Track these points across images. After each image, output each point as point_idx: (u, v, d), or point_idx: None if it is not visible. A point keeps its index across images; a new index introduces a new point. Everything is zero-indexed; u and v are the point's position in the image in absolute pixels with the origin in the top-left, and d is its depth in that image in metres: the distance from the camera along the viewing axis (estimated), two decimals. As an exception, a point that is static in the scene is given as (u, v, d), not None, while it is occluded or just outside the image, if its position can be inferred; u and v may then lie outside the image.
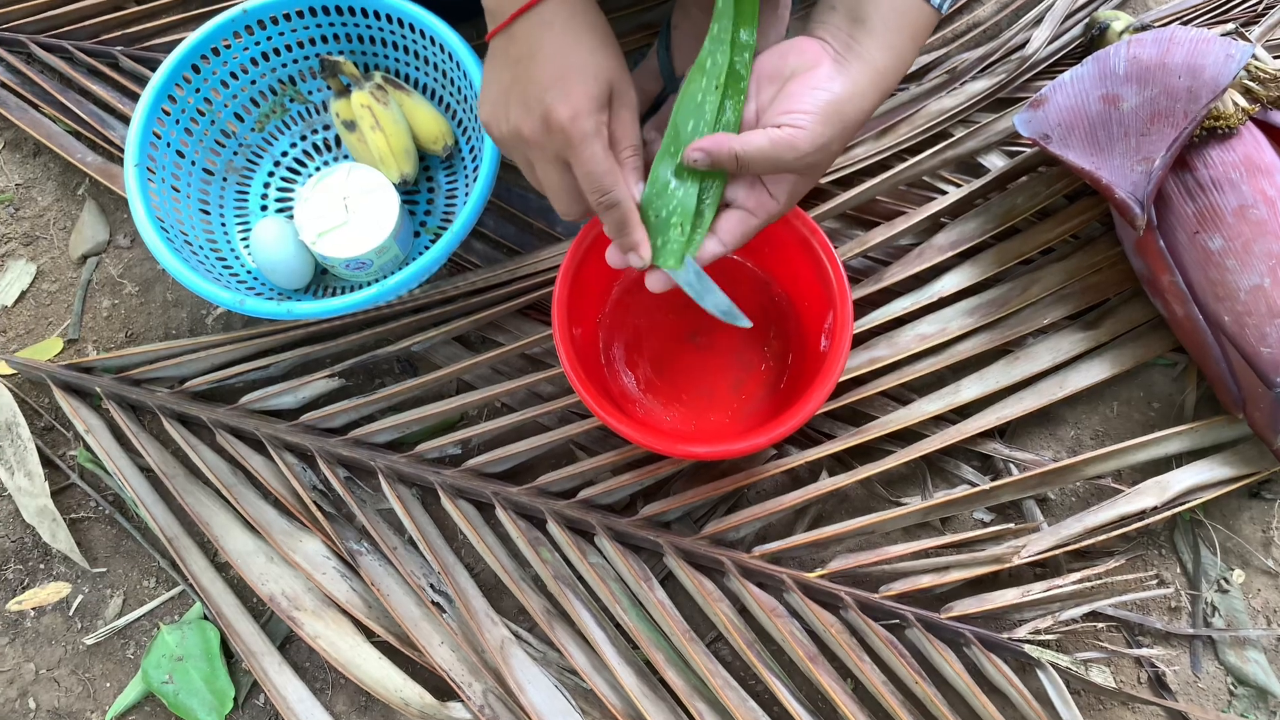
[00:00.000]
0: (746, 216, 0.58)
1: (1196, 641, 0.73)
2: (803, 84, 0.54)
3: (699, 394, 0.77)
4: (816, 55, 0.55)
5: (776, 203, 0.57)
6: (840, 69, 0.55)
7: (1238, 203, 0.71)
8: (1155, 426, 0.78)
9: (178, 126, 0.81)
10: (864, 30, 0.55)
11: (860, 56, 0.55)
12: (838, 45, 0.55)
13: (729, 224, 0.58)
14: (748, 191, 0.58)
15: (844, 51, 0.55)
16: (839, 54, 0.55)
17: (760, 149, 0.53)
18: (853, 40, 0.55)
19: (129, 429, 0.78)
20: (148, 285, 0.87)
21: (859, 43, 0.55)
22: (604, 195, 0.57)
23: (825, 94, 0.54)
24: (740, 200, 0.58)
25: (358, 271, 0.80)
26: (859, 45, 0.55)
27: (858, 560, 0.72)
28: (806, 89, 0.54)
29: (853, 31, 0.55)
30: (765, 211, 0.57)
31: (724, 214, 0.58)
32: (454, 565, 0.75)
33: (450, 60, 0.81)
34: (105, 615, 0.77)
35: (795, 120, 0.53)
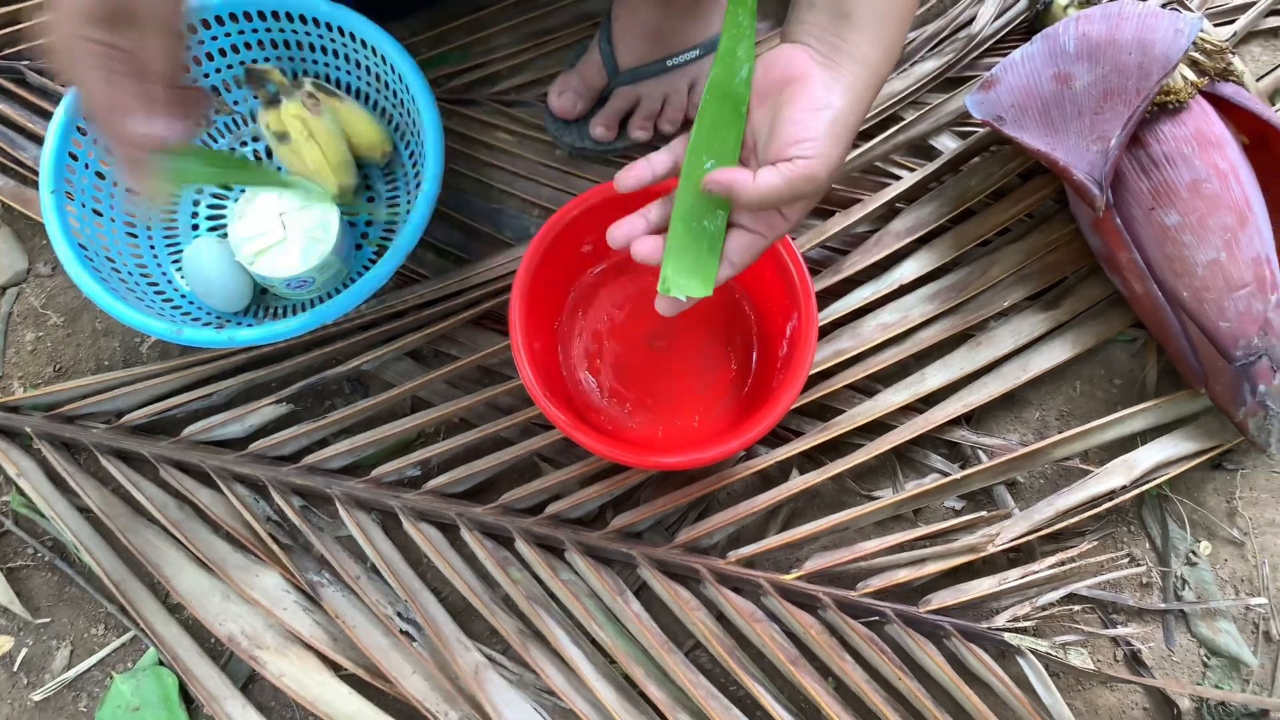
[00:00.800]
0: (757, 239, 0.55)
1: (1169, 616, 0.73)
2: (800, 105, 0.51)
3: (664, 398, 0.75)
4: (804, 65, 0.52)
5: (787, 222, 0.55)
6: (834, 77, 0.52)
7: (1191, 177, 0.71)
8: (1118, 404, 0.78)
9: (96, 146, 0.76)
10: (850, 26, 0.52)
11: (851, 56, 0.52)
12: (824, 48, 0.52)
13: (739, 245, 0.55)
14: (756, 216, 0.55)
15: (832, 54, 0.52)
16: (827, 58, 0.52)
17: (775, 189, 0.50)
18: (840, 40, 0.52)
19: (64, 469, 0.74)
20: (74, 315, 0.82)
21: (847, 41, 0.52)
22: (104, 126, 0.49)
23: (828, 113, 0.51)
24: (748, 222, 0.55)
25: (299, 290, 0.76)
26: (847, 44, 0.52)
27: (833, 559, 0.72)
28: (808, 112, 0.51)
29: (838, 30, 0.52)
30: (775, 232, 0.55)
31: (733, 235, 0.55)
32: (420, 591, 0.72)
33: (383, 63, 0.77)
34: (53, 668, 0.73)
35: (805, 150, 0.50)
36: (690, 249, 0.55)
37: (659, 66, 0.81)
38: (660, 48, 0.80)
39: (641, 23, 0.80)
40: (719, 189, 0.52)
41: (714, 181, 0.52)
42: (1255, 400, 0.71)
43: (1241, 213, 0.71)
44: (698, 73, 0.83)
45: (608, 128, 0.83)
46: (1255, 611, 0.73)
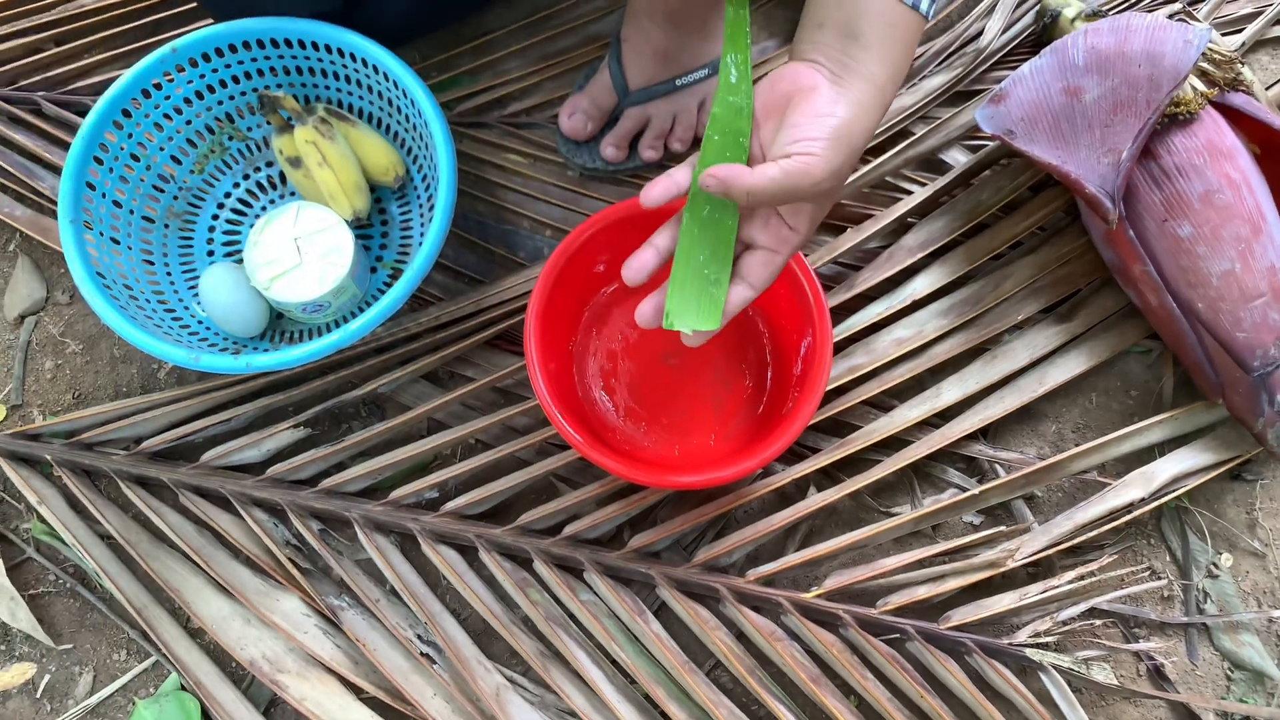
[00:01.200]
0: (770, 256, 0.55)
1: (1191, 630, 0.73)
2: (806, 113, 0.52)
3: (679, 416, 0.75)
4: (812, 80, 0.53)
5: (798, 234, 0.55)
6: (840, 91, 0.52)
7: (1203, 188, 0.71)
8: (1135, 415, 0.78)
9: (112, 175, 0.77)
10: (859, 46, 0.52)
11: (858, 74, 0.52)
12: (832, 66, 0.53)
13: (754, 267, 0.56)
14: (764, 228, 0.55)
15: (840, 71, 0.53)
16: (835, 74, 0.53)
17: (773, 180, 0.51)
18: (848, 58, 0.53)
19: (85, 496, 0.75)
20: (92, 342, 0.83)
21: (855, 59, 0.52)
22: None
23: (832, 119, 0.51)
24: (760, 240, 0.56)
25: (315, 314, 0.77)
26: (855, 62, 0.52)
27: (853, 576, 0.71)
28: (811, 117, 0.52)
29: (847, 48, 0.53)
30: (787, 246, 0.55)
31: (746, 256, 0.56)
32: (440, 613, 0.73)
33: (395, 87, 0.78)
34: (76, 694, 0.73)
35: (806, 148, 0.51)
36: (692, 284, 0.55)
37: (668, 86, 0.81)
38: (669, 67, 0.81)
39: (650, 43, 0.80)
40: (715, 184, 0.51)
41: (711, 176, 0.51)
42: (1274, 410, 0.71)
43: (1255, 222, 0.71)
44: (707, 91, 0.83)
45: (618, 148, 0.83)
46: (1278, 624, 0.73)
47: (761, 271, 0.56)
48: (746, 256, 0.56)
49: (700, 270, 0.55)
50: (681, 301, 0.55)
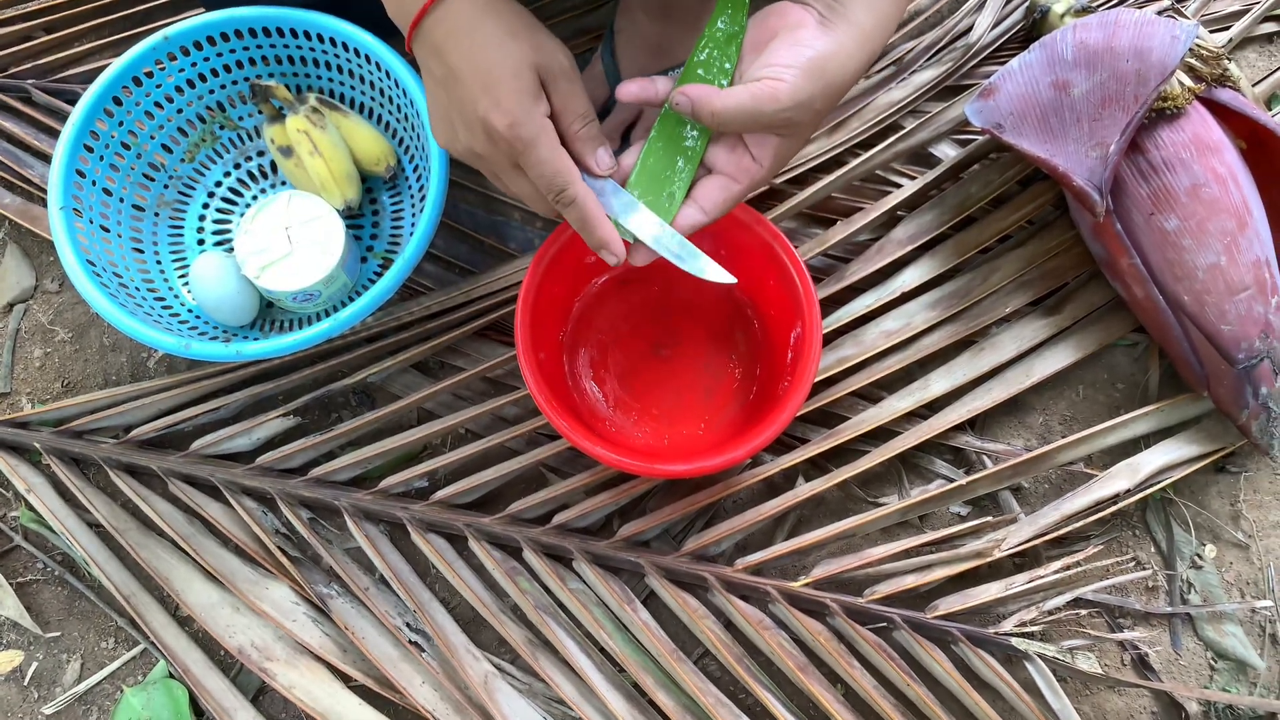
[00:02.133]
0: (728, 183, 0.56)
1: (1175, 620, 0.74)
2: (785, 41, 0.53)
3: (669, 406, 0.75)
4: (799, 17, 0.54)
5: (760, 167, 0.56)
6: (824, 29, 0.54)
7: (1190, 182, 0.72)
8: (1121, 408, 0.79)
9: (102, 163, 0.76)
10: None
11: (844, 17, 0.54)
12: (821, 8, 0.54)
13: (709, 190, 0.57)
14: (728, 155, 0.56)
15: (828, 14, 0.54)
16: (823, 16, 0.54)
17: (740, 102, 0.52)
18: (836, 3, 0.54)
19: (74, 484, 0.75)
20: (82, 330, 0.83)
21: (844, 4, 0.54)
22: (559, 193, 0.56)
23: (808, 50, 0.53)
24: (721, 165, 0.57)
25: (305, 303, 0.77)
26: (843, 6, 0.54)
27: (840, 565, 0.72)
28: (788, 45, 0.53)
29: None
30: (748, 177, 0.56)
31: (704, 180, 0.57)
32: (429, 602, 0.73)
33: (387, 77, 0.78)
34: (63, 681, 0.73)
35: (776, 73, 0.52)
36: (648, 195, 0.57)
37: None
38: (662, 59, 0.81)
39: (643, 35, 0.80)
40: (685, 102, 0.53)
41: (682, 94, 0.53)
42: (1258, 403, 0.71)
43: (1241, 216, 0.71)
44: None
45: (611, 139, 0.83)
46: (1261, 614, 0.73)
47: (716, 196, 0.56)
48: (704, 180, 0.57)
49: (659, 182, 0.57)
50: None
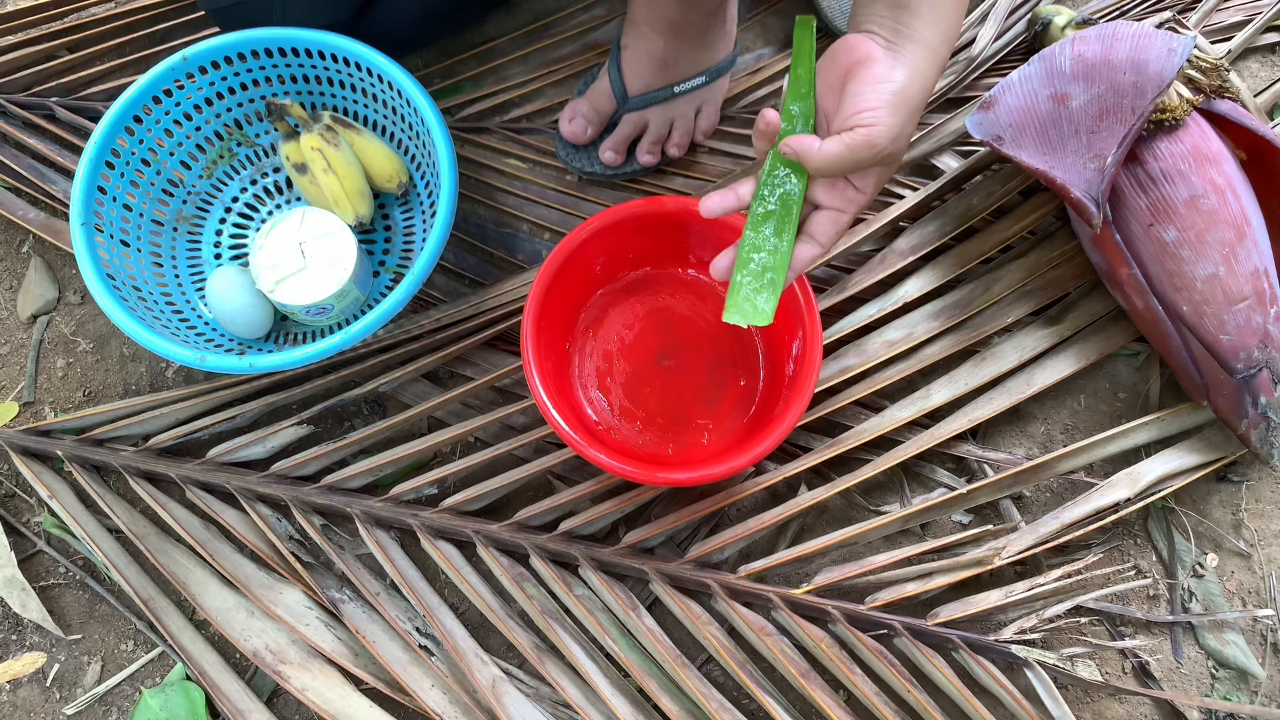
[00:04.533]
0: (837, 215, 0.59)
1: (1176, 628, 0.74)
2: (863, 81, 0.55)
3: (673, 416, 0.77)
4: (868, 50, 0.56)
5: (863, 195, 0.59)
6: (895, 57, 0.56)
7: (1188, 193, 0.72)
8: (1122, 417, 0.79)
9: (123, 179, 0.79)
10: (909, 13, 0.56)
11: (911, 39, 0.56)
12: (886, 34, 0.56)
13: (822, 225, 0.60)
14: (831, 190, 0.59)
15: (894, 39, 0.56)
16: (890, 42, 0.56)
17: (838, 154, 0.55)
18: (901, 26, 0.56)
19: (94, 491, 0.77)
20: (103, 341, 0.85)
21: (907, 26, 0.56)
22: None
23: (889, 84, 0.55)
24: (826, 200, 0.59)
25: (318, 317, 0.79)
26: (907, 29, 0.56)
27: (842, 573, 0.73)
28: (869, 85, 0.55)
29: (899, 16, 0.56)
30: (855, 205, 0.59)
31: (814, 216, 0.60)
32: (438, 607, 0.74)
33: (399, 95, 0.80)
34: (84, 683, 0.75)
35: (865, 119, 0.55)
36: (750, 284, 0.60)
37: (666, 93, 0.83)
38: (668, 75, 0.82)
39: (649, 51, 0.82)
40: (790, 154, 0.57)
41: (787, 146, 0.57)
42: (1257, 412, 0.72)
43: (1239, 227, 0.72)
44: (704, 98, 0.85)
45: (617, 152, 0.85)
46: (1263, 623, 0.74)
47: (829, 229, 0.60)
48: (815, 216, 0.60)
49: (759, 270, 0.60)
50: (739, 300, 0.60)
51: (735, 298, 0.61)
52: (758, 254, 0.60)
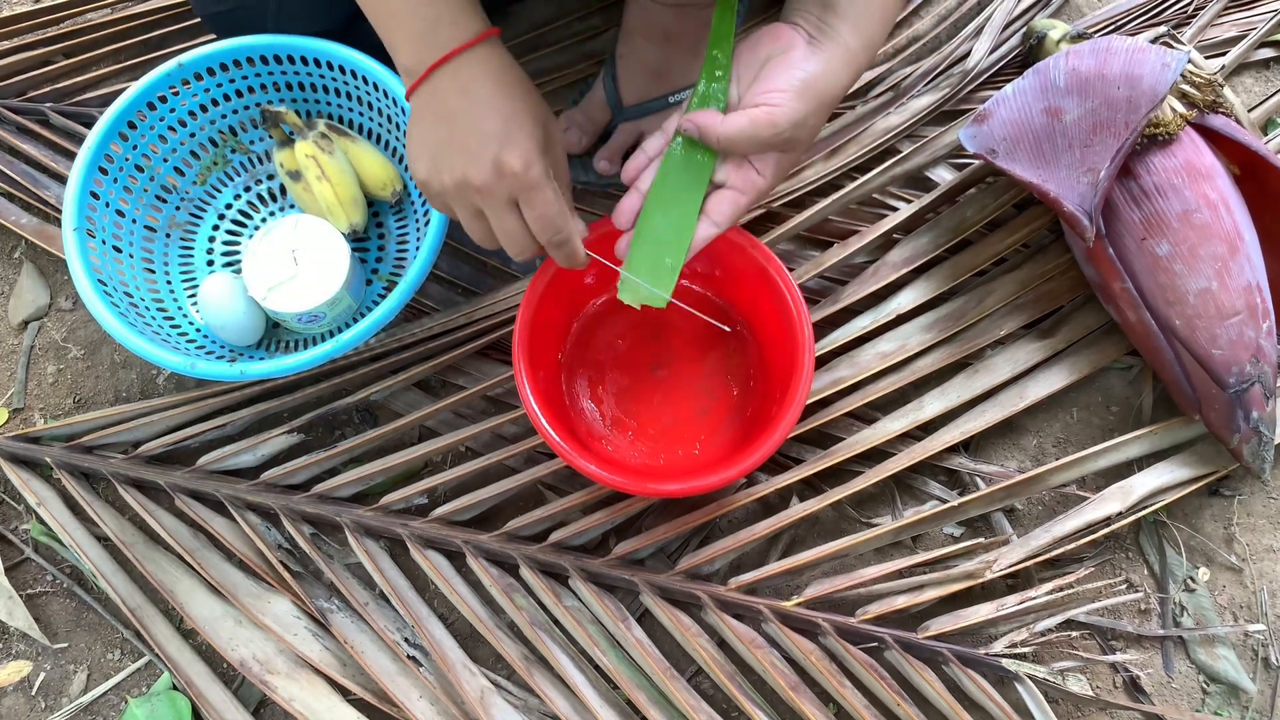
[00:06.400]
0: (736, 196, 0.61)
1: (1168, 643, 0.74)
2: (778, 65, 0.58)
3: (665, 426, 0.76)
4: (790, 39, 0.58)
5: (764, 179, 0.60)
6: (813, 50, 0.58)
7: (1181, 208, 0.72)
8: (1115, 430, 0.79)
9: (116, 185, 0.79)
10: (834, 14, 0.58)
11: (832, 38, 0.58)
12: (810, 29, 0.58)
13: (720, 205, 0.61)
14: (735, 171, 0.61)
15: (816, 34, 0.58)
16: (812, 37, 0.58)
17: (741, 129, 0.57)
18: (825, 24, 0.58)
19: (83, 498, 0.76)
20: (94, 348, 0.85)
21: (831, 26, 0.58)
22: (557, 234, 0.60)
23: (800, 72, 0.57)
24: (729, 180, 0.61)
25: (310, 325, 0.79)
26: (830, 29, 0.58)
27: (833, 585, 0.72)
28: (782, 69, 0.57)
29: (824, 16, 0.58)
30: (754, 189, 0.61)
31: (714, 195, 0.61)
32: (427, 617, 0.74)
33: (394, 105, 0.80)
34: (70, 692, 0.75)
35: (772, 99, 0.57)
36: (648, 263, 0.62)
37: (661, 103, 0.83)
38: (662, 84, 0.82)
39: (644, 61, 0.82)
40: (690, 128, 0.59)
41: (689, 121, 0.59)
42: (1249, 427, 0.72)
43: (1232, 242, 0.72)
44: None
45: (611, 162, 0.85)
46: (1254, 638, 0.73)
47: (726, 209, 0.61)
48: (714, 195, 0.61)
49: (656, 250, 0.61)
50: (634, 280, 0.62)
51: (631, 276, 0.62)
52: (655, 234, 0.62)
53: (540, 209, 0.59)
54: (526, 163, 0.57)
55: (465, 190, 0.59)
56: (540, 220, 0.59)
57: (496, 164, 0.57)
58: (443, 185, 0.60)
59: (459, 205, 0.61)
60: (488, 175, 0.57)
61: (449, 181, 0.59)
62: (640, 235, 0.62)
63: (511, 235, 0.60)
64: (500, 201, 0.59)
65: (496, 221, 0.60)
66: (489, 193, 0.58)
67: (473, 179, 0.58)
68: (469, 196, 0.60)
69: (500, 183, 0.58)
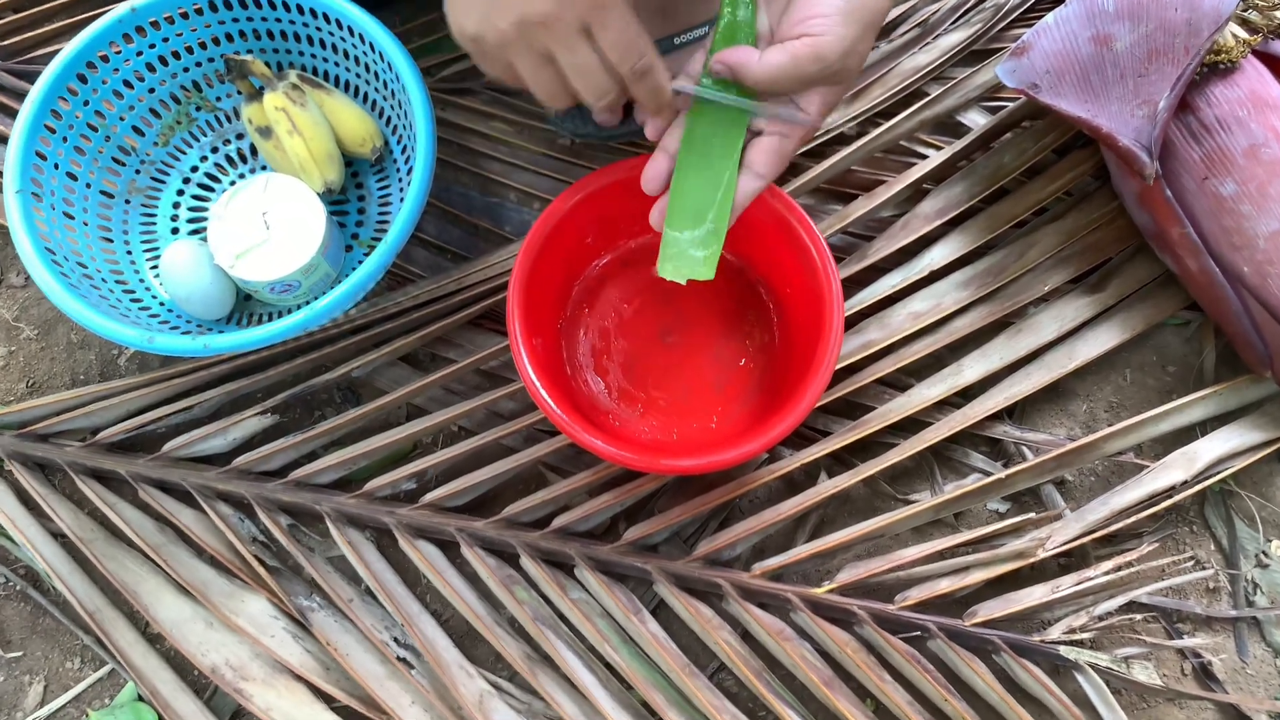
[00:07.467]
0: (779, 141, 0.53)
1: (1240, 624, 0.67)
2: None
3: (678, 398, 0.69)
4: None
5: (809, 117, 0.53)
6: None
7: (1248, 142, 0.65)
8: (1173, 393, 0.72)
9: (66, 145, 0.71)
10: None
11: None
12: None
13: (762, 153, 0.54)
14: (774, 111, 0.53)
15: None
16: None
17: (780, 66, 0.49)
18: None
19: (36, 492, 0.69)
20: (48, 327, 0.78)
21: None
22: (640, 58, 0.52)
23: None
24: (769, 124, 0.53)
25: (284, 295, 0.71)
26: None
27: (868, 569, 0.66)
28: None
29: None
30: (799, 131, 0.53)
31: (754, 143, 0.54)
32: (419, 614, 0.67)
33: (373, 51, 0.72)
34: (24, 705, 0.68)
35: (813, 27, 0.48)
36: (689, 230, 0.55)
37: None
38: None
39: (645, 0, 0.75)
40: (724, 69, 0.51)
41: (719, 61, 0.51)
42: (1329, 383, 0.65)
43: (1305, 179, 0.65)
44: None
45: (612, 111, 0.78)
46: (1336, 617, 0.67)
47: (770, 158, 0.54)
48: (754, 144, 0.54)
49: (695, 216, 0.54)
50: (674, 252, 0.54)
51: (670, 249, 0.55)
52: (693, 198, 0.54)
53: (616, 31, 0.50)
54: None
55: (528, 29, 0.50)
56: (618, 46, 0.50)
57: None
58: (499, 32, 0.51)
59: (522, 54, 0.52)
60: (551, 2, 0.49)
61: (506, 25, 0.50)
62: (676, 200, 0.55)
63: (588, 73, 0.52)
64: (571, 30, 0.50)
65: (569, 58, 0.51)
66: (556, 22, 0.49)
67: (535, 12, 0.49)
68: (534, 35, 0.51)
69: (568, 7, 0.49)
